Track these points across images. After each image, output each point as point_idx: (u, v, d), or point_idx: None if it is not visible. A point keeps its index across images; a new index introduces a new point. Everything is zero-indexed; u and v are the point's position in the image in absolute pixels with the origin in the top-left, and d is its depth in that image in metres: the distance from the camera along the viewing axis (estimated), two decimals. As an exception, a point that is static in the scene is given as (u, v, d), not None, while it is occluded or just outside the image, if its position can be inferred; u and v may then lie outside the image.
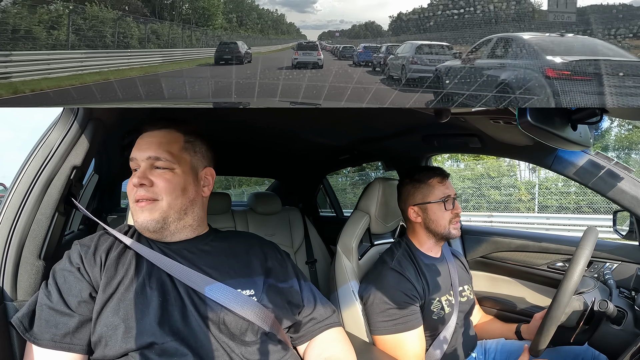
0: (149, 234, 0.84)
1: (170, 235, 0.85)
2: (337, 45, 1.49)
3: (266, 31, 1.60)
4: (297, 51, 1.40)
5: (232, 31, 1.49)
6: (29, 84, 1.10)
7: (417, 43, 1.27)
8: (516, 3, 1.10)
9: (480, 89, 0.92)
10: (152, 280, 0.77)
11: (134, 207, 0.83)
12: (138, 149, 0.85)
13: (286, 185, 2.78)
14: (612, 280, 1.08)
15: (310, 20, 1.32)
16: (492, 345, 1.31)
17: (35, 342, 0.72)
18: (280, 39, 1.62)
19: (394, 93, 1.19)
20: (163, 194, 0.82)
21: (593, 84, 0.80)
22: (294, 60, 1.40)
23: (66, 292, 0.74)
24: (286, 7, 1.37)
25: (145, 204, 0.81)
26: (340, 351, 0.89)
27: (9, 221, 0.81)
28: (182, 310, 0.75)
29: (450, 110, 0.89)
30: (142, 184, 0.81)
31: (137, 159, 0.84)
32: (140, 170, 0.83)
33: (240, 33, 1.51)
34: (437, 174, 1.28)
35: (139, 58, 1.37)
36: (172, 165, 0.84)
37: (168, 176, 0.83)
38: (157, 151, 0.84)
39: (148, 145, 0.85)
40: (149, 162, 0.84)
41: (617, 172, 1.09)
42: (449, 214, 1.24)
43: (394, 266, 1.20)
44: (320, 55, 1.39)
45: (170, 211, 0.83)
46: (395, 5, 1.29)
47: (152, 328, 0.72)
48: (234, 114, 1.31)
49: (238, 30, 1.51)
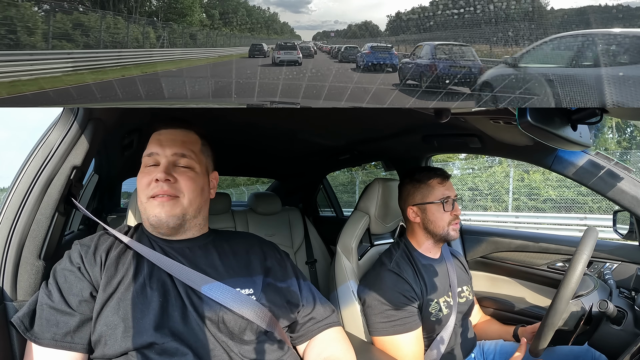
0: (163, 230, 0.83)
1: (182, 232, 0.86)
2: (335, 45, 1.47)
3: (258, 31, 1.57)
4: (278, 51, 1.54)
5: (212, 28, 1.42)
6: (26, 83, 1.09)
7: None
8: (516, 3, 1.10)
9: (482, 89, 0.92)
10: (153, 280, 0.77)
11: (149, 202, 0.82)
12: (159, 144, 0.85)
13: (286, 185, 2.79)
14: (612, 280, 1.08)
15: (304, 20, 1.33)
16: (490, 347, 1.31)
17: (36, 342, 0.72)
18: (271, 38, 1.61)
19: (394, 93, 1.19)
20: (185, 191, 0.83)
21: (593, 84, 0.80)
22: (276, 58, 1.53)
23: (67, 292, 0.74)
24: (280, 7, 1.38)
25: (167, 199, 0.81)
26: (339, 351, 0.89)
27: (9, 221, 0.81)
28: (182, 310, 0.76)
29: (450, 110, 0.89)
30: (168, 179, 0.81)
31: (159, 154, 0.84)
32: (163, 166, 0.83)
33: (222, 30, 1.45)
34: (438, 175, 1.27)
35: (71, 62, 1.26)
36: (194, 165, 0.86)
37: (191, 174, 0.85)
38: (182, 149, 0.85)
39: (171, 142, 0.85)
40: (173, 159, 0.84)
41: (617, 172, 1.09)
42: (448, 216, 1.23)
43: (392, 267, 1.20)
44: (299, 54, 1.52)
45: (189, 209, 0.84)
46: (390, 5, 1.29)
47: (151, 328, 0.72)
48: (234, 114, 1.31)
49: (221, 28, 1.45)
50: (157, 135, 0.87)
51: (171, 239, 0.86)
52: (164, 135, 0.87)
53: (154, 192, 0.81)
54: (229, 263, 0.86)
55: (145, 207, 0.83)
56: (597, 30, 0.89)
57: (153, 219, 0.82)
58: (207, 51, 1.53)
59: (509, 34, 1.07)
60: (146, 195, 0.82)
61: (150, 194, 0.82)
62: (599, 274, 1.28)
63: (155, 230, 0.84)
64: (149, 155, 0.85)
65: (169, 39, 1.37)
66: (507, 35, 1.06)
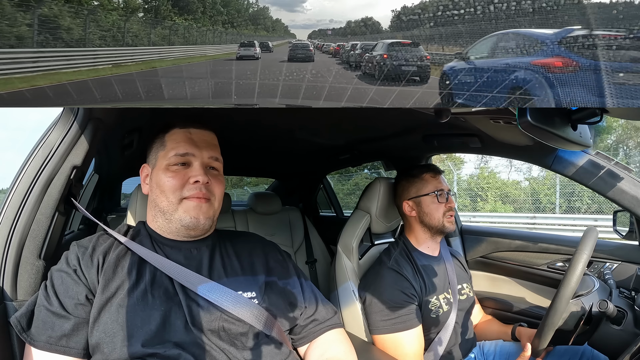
0: (196, 232, 0.83)
1: (203, 233, 0.86)
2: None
3: (241, 26, 1.48)
4: (240, 47, 1.73)
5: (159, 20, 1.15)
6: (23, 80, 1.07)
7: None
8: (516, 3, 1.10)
9: (481, 89, 0.92)
10: (154, 287, 0.76)
11: (183, 203, 0.81)
12: (193, 145, 0.84)
13: (286, 185, 2.78)
14: (612, 280, 1.08)
15: (299, 19, 1.32)
16: (490, 347, 1.31)
17: (31, 343, 0.71)
18: (262, 35, 1.58)
19: (394, 93, 1.19)
20: (217, 194, 0.84)
21: (593, 84, 0.80)
22: (237, 54, 1.71)
23: (62, 294, 0.73)
24: (275, 6, 1.37)
25: (204, 201, 0.81)
26: (342, 352, 0.88)
27: (9, 221, 0.81)
28: (184, 316, 0.74)
29: (450, 110, 0.89)
30: (207, 182, 0.81)
31: (195, 155, 0.83)
32: (202, 168, 0.82)
33: (176, 22, 1.21)
34: (431, 170, 1.32)
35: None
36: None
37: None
38: (215, 152, 0.86)
39: (206, 144, 0.85)
40: (208, 162, 0.84)
41: (617, 172, 1.09)
42: (442, 207, 1.26)
43: (392, 265, 1.21)
44: (257, 50, 1.69)
45: (217, 211, 0.85)
46: (385, 4, 1.29)
47: (152, 337, 0.71)
48: (234, 113, 1.31)
49: (173, 19, 1.20)
50: (186, 133, 0.85)
51: (188, 240, 0.85)
52: (196, 136, 0.85)
53: (192, 194, 0.80)
54: (231, 266, 0.86)
55: (176, 208, 0.81)
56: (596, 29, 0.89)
57: (189, 220, 0.80)
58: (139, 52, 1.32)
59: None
60: (179, 196, 0.81)
61: (187, 194, 0.80)
62: (599, 274, 1.28)
63: (185, 232, 0.83)
64: (182, 155, 0.83)
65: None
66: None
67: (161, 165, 0.84)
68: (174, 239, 0.85)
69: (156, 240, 0.84)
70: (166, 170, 0.83)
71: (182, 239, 0.85)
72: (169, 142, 0.85)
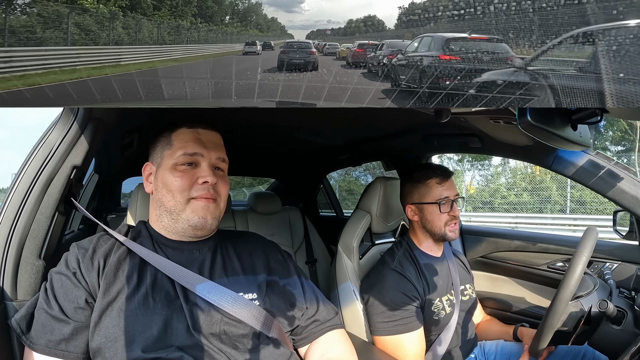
0: (203, 232, 0.83)
1: (208, 233, 0.86)
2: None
3: (231, 24, 1.39)
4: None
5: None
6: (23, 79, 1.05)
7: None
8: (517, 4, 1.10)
9: (481, 89, 0.92)
10: (156, 290, 0.75)
11: (191, 203, 0.81)
12: (202, 145, 0.83)
13: (286, 185, 2.78)
14: (612, 280, 1.08)
15: (297, 20, 1.32)
16: (491, 347, 1.31)
17: (30, 347, 0.71)
18: (256, 35, 1.55)
19: (394, 93, 1.19)
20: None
21: (593, 84, 0.80)
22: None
23: (62, 298, 0.72)
24: (273, 6, 1.36)
25: (211, 201, 0.81)
26: (342, 353, 0.88)
27: (9, 221, 0.81)
28: (185, 320, 0.74)
29: (450, 110, 0.89)
30: (215, 183, 0.82)
31: (204, 156, 0.83)
32: (210, 168, 0.82)
33: (161, 18, 1.09)
34: (437, 175, 1.25)
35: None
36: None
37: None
38: (223, 153, 0.86)
39: (214, 145, 0.85)
40: (215, 162, 0.84)
41: (617, 172, 1.09)
42: (445, 216, 1.23)
43: (395, 267, 1.20)
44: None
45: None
46: (382, 5, 1.29)
47: (154, 342, 0.70)
48: (234, 113, 1.31)
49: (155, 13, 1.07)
50: (194, 133, 0.84)
51: (191, 240, 0.85)
52: (204, 136, 0.85)
53: (200, 194, 0.80)
54: (232, 266, 0.85)
55: (184, 208, 0.81)
56: (595, 27, 0.89)
57: (197, 220, 0.80)
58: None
59: (510, 35, 1.07)
60: (186, 196, 0.80)
61: (195, 195, 0.80)
62: (599, 274, 1.28)
63: (192, 232, 0.82)
64: (191, 155, 0.82)
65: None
66: (508, 37, 1.06)
67: (168, 165, 0.83)
68: (176, 240, 0.84)
69: (157, 241, 0.84)
70: (173, 169, 0.82)
71: (186, 239, 0.84)
72: (176, 141, 0.84)
